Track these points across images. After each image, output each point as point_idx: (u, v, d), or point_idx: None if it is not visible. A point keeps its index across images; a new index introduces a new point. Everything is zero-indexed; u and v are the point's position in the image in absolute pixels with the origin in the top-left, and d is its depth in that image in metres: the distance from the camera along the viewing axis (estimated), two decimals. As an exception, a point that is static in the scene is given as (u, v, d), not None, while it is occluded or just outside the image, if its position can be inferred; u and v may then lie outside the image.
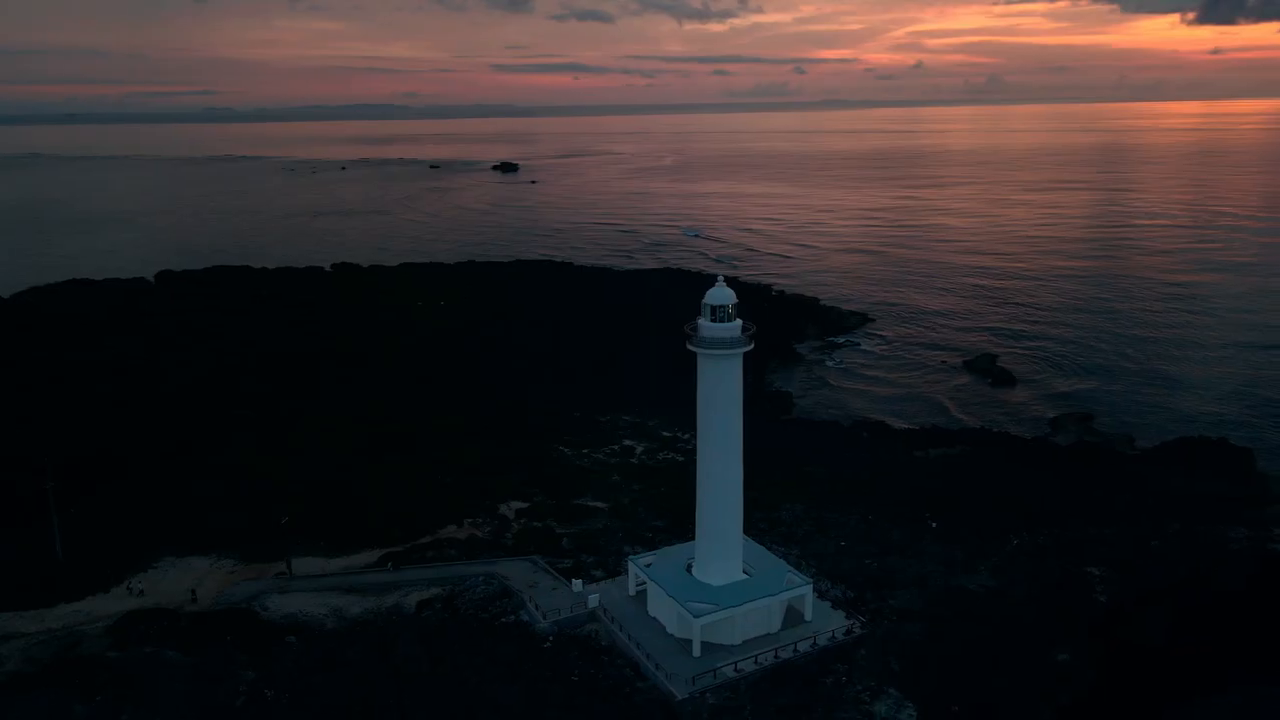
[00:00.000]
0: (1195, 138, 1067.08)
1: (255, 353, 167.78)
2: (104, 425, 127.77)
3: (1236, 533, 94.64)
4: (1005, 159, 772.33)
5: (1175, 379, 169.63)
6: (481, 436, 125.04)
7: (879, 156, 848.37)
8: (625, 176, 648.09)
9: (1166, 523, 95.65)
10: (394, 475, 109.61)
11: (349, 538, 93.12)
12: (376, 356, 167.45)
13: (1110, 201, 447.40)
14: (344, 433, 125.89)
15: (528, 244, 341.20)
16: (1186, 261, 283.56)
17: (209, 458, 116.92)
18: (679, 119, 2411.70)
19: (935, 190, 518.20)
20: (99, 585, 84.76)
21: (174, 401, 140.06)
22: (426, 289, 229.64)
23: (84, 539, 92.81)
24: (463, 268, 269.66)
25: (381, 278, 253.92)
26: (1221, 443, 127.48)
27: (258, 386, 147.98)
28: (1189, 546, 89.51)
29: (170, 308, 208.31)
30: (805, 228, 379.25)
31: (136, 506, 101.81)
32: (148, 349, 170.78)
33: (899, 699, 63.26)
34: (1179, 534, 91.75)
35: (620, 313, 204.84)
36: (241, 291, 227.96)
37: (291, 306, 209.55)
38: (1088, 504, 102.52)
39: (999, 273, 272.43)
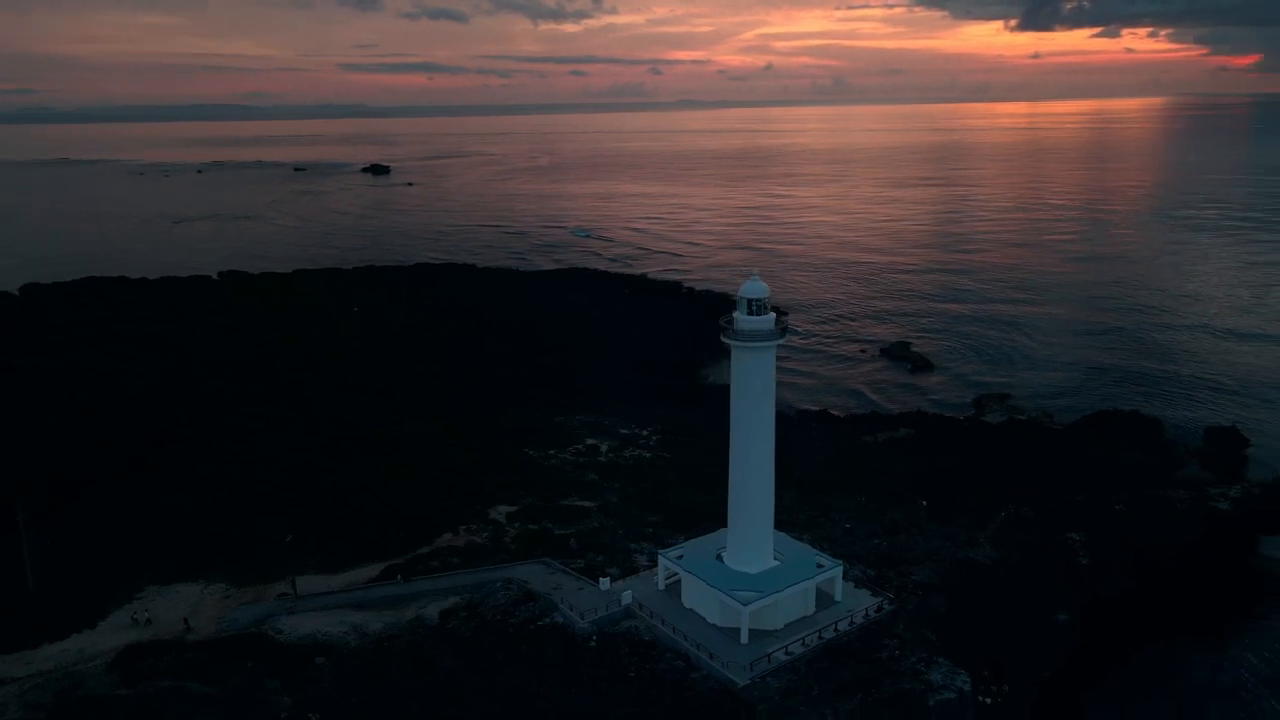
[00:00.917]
0: (1027, 136, 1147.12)
1: (199, 360, 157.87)
2: (47, 441, 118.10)
3: (1178, 494, 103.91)
4: (865, 157, 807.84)
5: (1063, 358, 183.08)
6: (447, 441, 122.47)
7: (746, 155, 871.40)
8: (502, 178, 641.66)
9: (1119, 490, 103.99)
10: (372, 484, 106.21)
11: (346, 552, 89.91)
12: (318, 364, 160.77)
13: (968, 196, 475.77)
14: (307, 441, 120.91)
15: (418, 247, 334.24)
16: (1050, 251, 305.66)
17: (171, 471, 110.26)
18: (540, 119, 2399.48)
19: (808, 189, 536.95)
20: (83, 620, 78.82)
21: (120, 414, 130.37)
22: (330, 294, 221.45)
23: (55, 568, 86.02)
24: (362, 273, 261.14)
25: (277, 284, 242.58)
26: (1135, 415, 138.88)
27: (205, 396, 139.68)
28: (1144, 510, 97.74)
29: (65, 320, 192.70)
30: (689, 226, 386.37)
31: (105, 528, 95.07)
32: (71, 361, 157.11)
33: (950, 668, 66.79)
34: (1133, 499, 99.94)
35: (544, 314, 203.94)
36: (126, 302, 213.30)
37: (216, 313, 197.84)
38: (1043, 477, 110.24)
39: (886, 266, 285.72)
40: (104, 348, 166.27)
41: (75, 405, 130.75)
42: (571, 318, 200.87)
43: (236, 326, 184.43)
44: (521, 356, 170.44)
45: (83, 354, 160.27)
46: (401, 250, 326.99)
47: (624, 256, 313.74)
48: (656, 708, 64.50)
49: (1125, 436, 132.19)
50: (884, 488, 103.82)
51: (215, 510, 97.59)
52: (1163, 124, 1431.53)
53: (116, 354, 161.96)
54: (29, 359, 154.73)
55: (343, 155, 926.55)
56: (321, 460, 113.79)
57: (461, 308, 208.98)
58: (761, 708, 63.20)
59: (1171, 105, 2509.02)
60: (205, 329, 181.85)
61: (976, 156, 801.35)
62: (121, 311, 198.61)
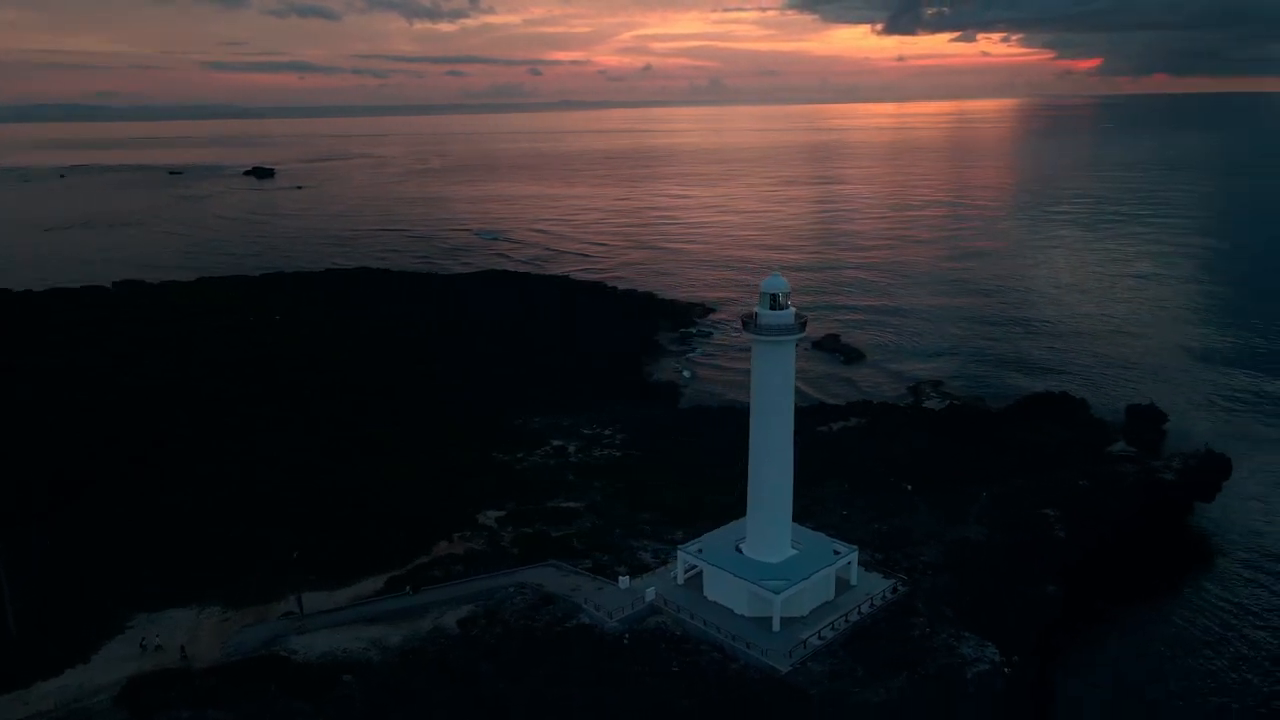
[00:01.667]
0: (900, 135, 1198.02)
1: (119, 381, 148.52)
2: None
3: (1127, 468, 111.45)
4: (753, 157, 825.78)
5: (977, 347, 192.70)
6: (415, 448, 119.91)
7: (638, 155, 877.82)
8: (396, 180, 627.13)
9: (1074, 466, 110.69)
10: (359, 493, 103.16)
11: (344, 566, 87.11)
12: (245, 372, 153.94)
13: (857, 194, 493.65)
14: (268, 453, 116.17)
15: (320, 253, 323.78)
16: (941, 245, 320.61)
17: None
18: (420, 120, 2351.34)
19: (703, 188, 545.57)
20: (76, 655, 73.85)
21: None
22: (245, 302, 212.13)
23: (40, 599, 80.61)
24: (271, 279, 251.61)
25: (182, 294, 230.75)
26: (1064, 396, 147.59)
27: (155, 414, 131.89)
28: (1104, 484, 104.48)
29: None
30: (592, 227, 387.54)
31: (91, 547, 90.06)
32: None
33: (979, 640, 70.17)
34: (1093, 475, 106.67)
35: (473, 318, 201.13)
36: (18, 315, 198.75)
37: (125, 323, 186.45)
38: (1000, 457, 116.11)
39: (792, 264, 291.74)
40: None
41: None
42: (502, 320, 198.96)
43: (150, 340, 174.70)
44: (462, 361, 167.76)
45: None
46: (304, 256, 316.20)
47: (535, 258, 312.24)
48: (708, 700, 65.39)
49: (1056, 418, 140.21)
50: (861, 475, 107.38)
51: (191, 532, 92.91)
52: (1018, 124, 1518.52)
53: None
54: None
55: (220, 157, 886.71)
56: (306, 471, 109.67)
57: (388, 314, 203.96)
58: (815, 691, 64.91)
59: (1024, 106, 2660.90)
60: (118, 340, 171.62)
61: (857, 155, 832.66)
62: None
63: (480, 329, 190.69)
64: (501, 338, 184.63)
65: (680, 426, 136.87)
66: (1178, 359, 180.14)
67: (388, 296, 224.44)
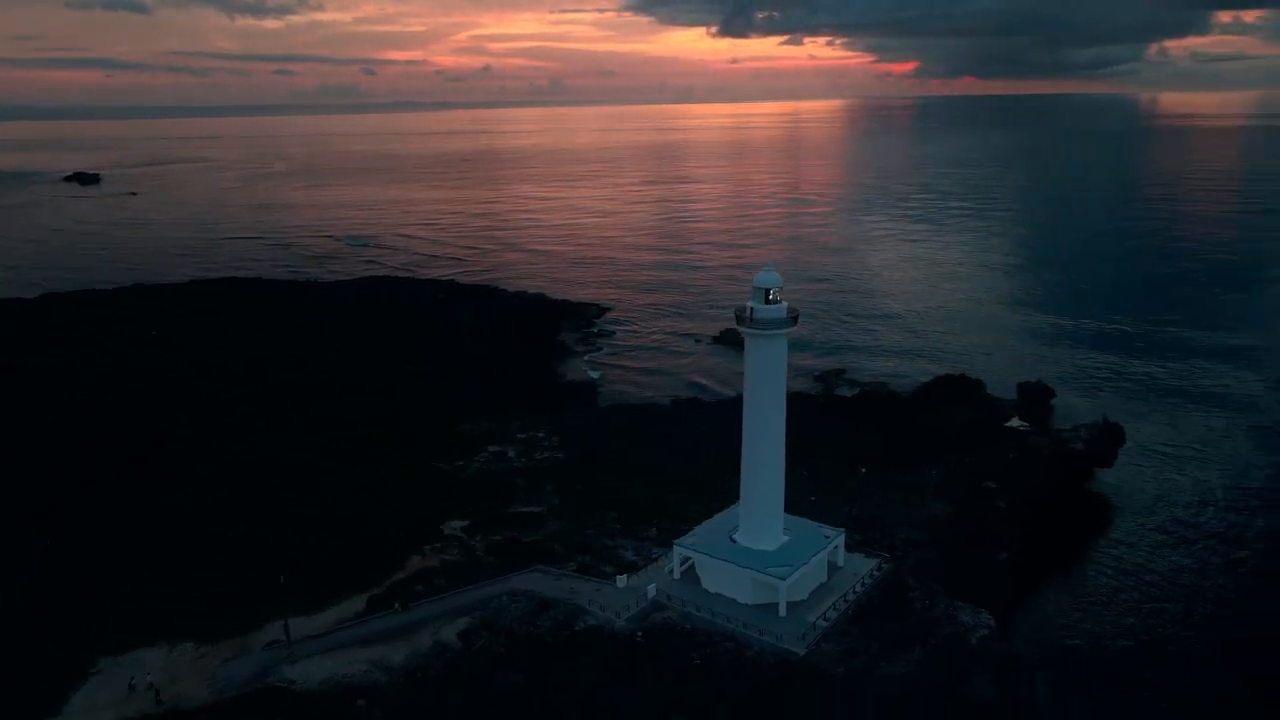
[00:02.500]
0: (740, 135, 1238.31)
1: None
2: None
3: (1039, 440, 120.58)
4: (609, 157, 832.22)
5: (863, 336, 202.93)
6: (353, 463, 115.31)
7: (493, 157, 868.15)
8: (239, 185, 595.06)
9: (994, 443, 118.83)
10: (305, 515, 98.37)
11: (319, 588, 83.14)
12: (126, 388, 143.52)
13: (722, 192, 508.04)
14: (201, 472, 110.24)
15: (172, 264, 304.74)
16: (808, 241, 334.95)
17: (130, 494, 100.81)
18: (249, 122, 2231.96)
19: (567, 189, 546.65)
20: (42, 711, 67.45)
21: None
22: (109, 321, 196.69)
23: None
24: (126, 293, 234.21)
25: (26, 312, 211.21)
26: (962, 378, 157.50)
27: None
28: (1028, 456, 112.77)
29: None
30: (460, 230, 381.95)
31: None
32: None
33: (973, 609, 74.64)
34: (1012, 449, 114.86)
35: (366, 326, 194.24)
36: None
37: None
38: (927, 438, 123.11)
39: (675, 264, 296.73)
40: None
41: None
42: (397, 326, 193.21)
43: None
44: (367, 370, 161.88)
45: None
46: (156, 267, 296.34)
47: (409, 264, 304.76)
48: (737, 689, 66.74)
49: (956, 398, 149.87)
50: (812, 460, 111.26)
51: (140, 565, 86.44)
52: (849, 123, 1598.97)
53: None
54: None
55: (30, 163, 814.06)
56: (252, 497, 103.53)
57: (272, 324, 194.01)
58: (840, 670, 67.41)
59: (850, 107, 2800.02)
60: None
61: (707, 154, 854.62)
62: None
63: (371, 338, 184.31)
64: (396, 345, 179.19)
65: (613, 426, 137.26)
66: (1031, 339, 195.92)
67: (265, 307, 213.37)
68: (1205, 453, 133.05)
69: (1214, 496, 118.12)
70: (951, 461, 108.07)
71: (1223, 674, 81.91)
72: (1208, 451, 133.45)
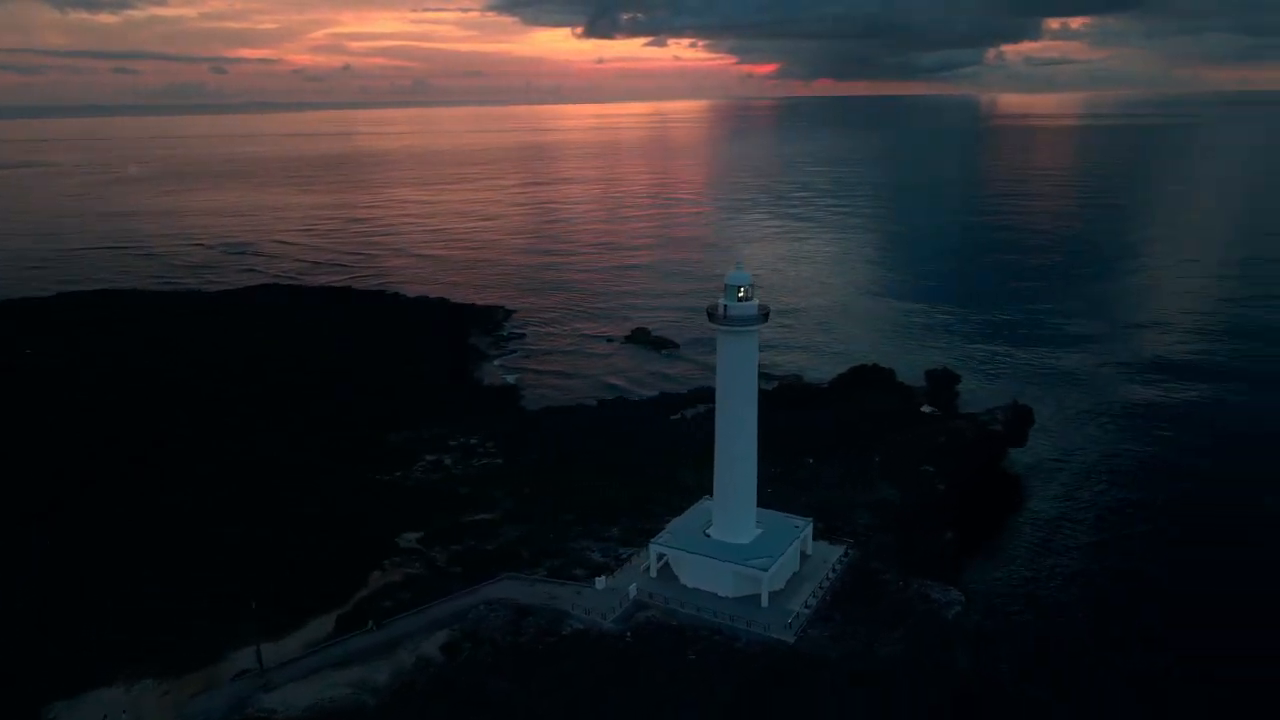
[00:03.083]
0: (615, 135, 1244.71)
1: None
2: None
3: (960, 423, 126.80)
4: (488, 159, 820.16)
5: (770, 328, 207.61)
6: (293, 479, 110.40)
7: (365, 159, 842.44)
8: (86, 192, 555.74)
9: (917, 428, 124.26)
10: (254, 536, 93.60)
11: (282, 610, 79.36)
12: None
13: (604, 193, 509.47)
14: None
15: (21, 278, 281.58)
16: (697, 241, 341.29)
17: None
18: (89, 123, 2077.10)
19: (449, 192, 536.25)
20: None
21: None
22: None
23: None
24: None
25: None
26: (875, 368, 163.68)
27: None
28: (954, 439, 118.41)
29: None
30: (340, 235, 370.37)
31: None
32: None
33: (940, 586, 78.04)
34: (942, 431, 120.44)
35: (259, 339, 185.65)
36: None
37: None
38: (855, 427, 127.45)
39: (568, 266, 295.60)
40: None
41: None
42: (294, 338, 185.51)
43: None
44: (275, 385, 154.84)
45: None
46: (7, 283, 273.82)
47: (294, 271, 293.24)
48: (734, 680, 67.65)
49: (870, 386, 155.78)
50: (761, 453, 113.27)
51: (75, 594, 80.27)
52: (717, 123, 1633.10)
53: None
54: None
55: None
56: (203, 519, 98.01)
57: (161, 340, 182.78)
58: (833, 654, 69.28)
59: (715, 107, 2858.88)
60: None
61: (584, 154, 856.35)
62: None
63: (266, 351, 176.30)
64: (305, 355, 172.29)
65: (547, 429, 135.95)
66: (920, 329, 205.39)
67: (148, 320, 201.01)
68: (1092, 429, 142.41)
69: (1112, 467, 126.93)
70: (888, 448, 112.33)
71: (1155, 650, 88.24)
72: (1094, 428, 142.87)
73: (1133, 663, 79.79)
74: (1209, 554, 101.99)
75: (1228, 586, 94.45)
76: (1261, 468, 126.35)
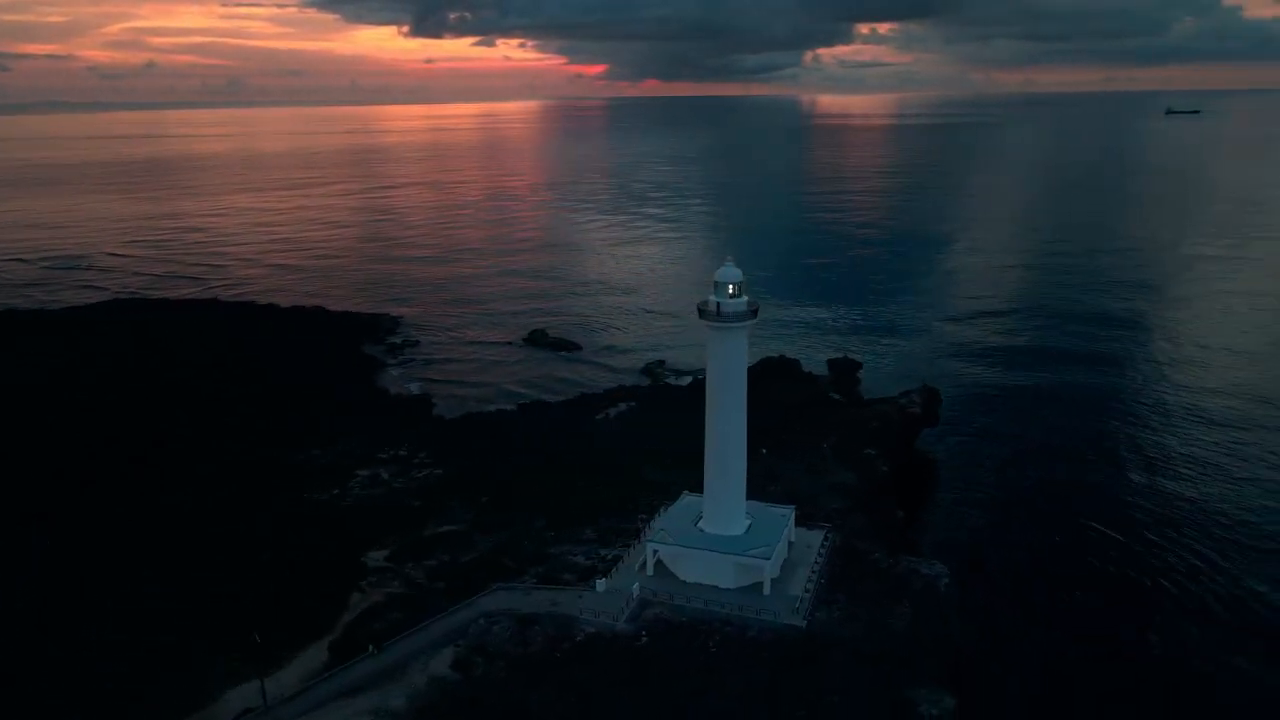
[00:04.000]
0: (452, 137, 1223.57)
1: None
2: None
3: (884, 407, 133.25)
4: (325, 162, 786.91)
5: (653, 325, 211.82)
6: (228, 506, 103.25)
7: (187, 163, 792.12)
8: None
9: (851, 413, 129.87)
10: (223, 565, 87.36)
11: (270, 643, 74.33)
12: None
13: (452, 198, 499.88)
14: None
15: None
16: (571, 240, 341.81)
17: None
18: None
19: (289, 197, 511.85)
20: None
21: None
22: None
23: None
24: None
25: None
26: (782, 359, 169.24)
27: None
28: (885, 423, 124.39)
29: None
30: (180, 244, 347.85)
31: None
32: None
33: (924, 560, 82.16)
34: (872, 416, 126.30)
35: (139, 357, 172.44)
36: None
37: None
38: (787, 414, 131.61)
39: (439, 270, 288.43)
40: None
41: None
42: (167, 358, 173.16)
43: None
44: (178, 405, 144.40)
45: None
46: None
47: (136, 287, 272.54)
48: (766, 665, 69.00)
49: (779, 377, 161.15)
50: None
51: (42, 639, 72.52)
52: (551, 124, 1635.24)
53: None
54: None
55: None
56: (133, 552, 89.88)
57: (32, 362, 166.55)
58: (847, 634, 71.77)
59: (547, 108, 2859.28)
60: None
61: (419, 157, 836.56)
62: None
63: (147, 366, 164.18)
64: (188, 375, 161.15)
65: (477, 435, 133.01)
66: (794, 322, 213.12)
67: None
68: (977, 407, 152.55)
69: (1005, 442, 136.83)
70: (834, 434, 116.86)
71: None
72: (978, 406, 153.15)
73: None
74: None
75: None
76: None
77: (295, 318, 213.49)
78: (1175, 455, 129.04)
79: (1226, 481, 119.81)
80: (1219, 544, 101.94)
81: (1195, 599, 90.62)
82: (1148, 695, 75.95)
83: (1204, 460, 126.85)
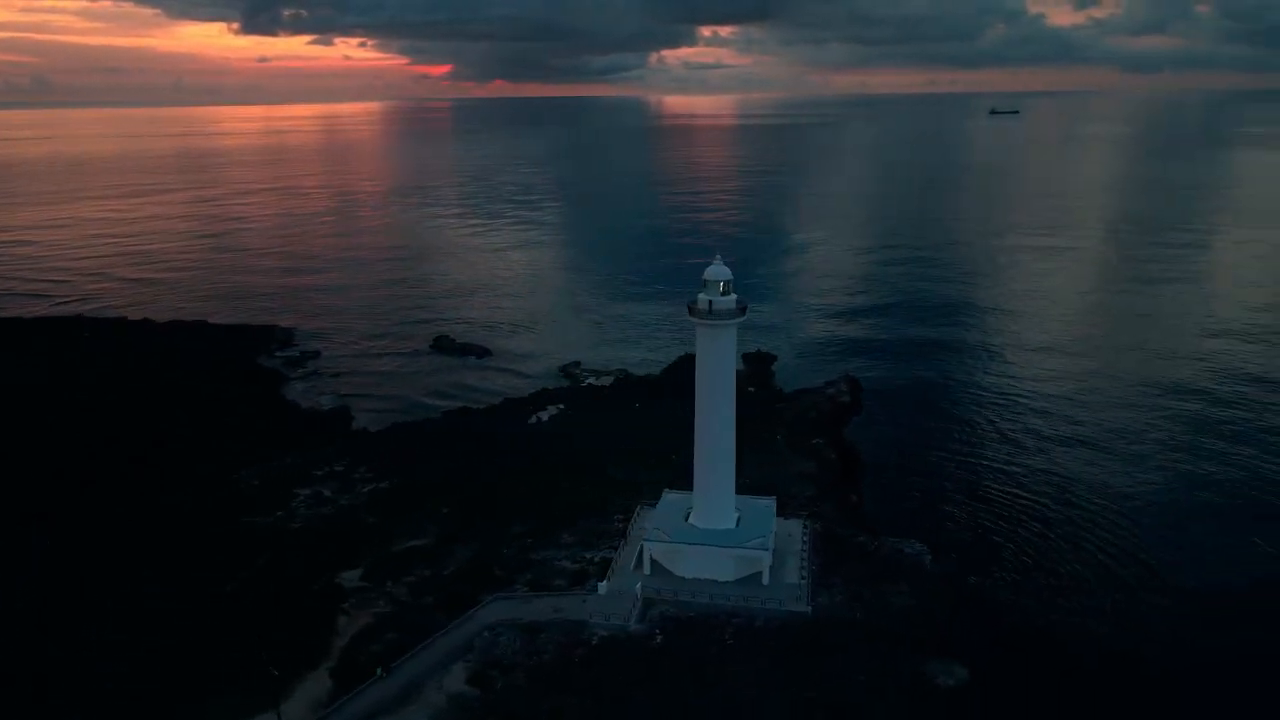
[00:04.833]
0: (291, 139, 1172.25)
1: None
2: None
3: (818, 398, 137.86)
4: (148, 167, 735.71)
5: (563, 325, 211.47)
6: (170, 517, 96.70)
7: (8, 169, 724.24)
8: None
9: (790, 404, 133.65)
10: (210, 559, 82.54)
11: (264, 673, 70.09)
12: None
13: (299, 201, 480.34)
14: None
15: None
16: (448, 245, 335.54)
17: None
18: None
19: (124, 207, 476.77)
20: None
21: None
22: None
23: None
24: None
25: None
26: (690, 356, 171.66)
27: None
28: (819, 413, 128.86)
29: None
30: (5, 256, 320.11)
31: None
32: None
33: (903, 540, 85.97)
34: (809, 408, 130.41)
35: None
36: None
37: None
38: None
39: (312, 280, 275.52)
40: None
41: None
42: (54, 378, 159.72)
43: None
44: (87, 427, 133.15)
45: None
46: None
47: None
48: (775, 661, 70.54)
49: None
50: (650, 444, 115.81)
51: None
52: (395, 126, 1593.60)
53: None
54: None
55: None
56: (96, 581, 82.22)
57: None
58: (855, 615, 74.37)
59: (389, 109, 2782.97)
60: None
61: (262, 160, 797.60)
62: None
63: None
64: (74, 395, 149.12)
65: (412, 445, 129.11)
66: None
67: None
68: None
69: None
70: (783, 425, 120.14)
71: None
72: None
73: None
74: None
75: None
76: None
77: (178, 332, 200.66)
78: (1053, 430, 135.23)
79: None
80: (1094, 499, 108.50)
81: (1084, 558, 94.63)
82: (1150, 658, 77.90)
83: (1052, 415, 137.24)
